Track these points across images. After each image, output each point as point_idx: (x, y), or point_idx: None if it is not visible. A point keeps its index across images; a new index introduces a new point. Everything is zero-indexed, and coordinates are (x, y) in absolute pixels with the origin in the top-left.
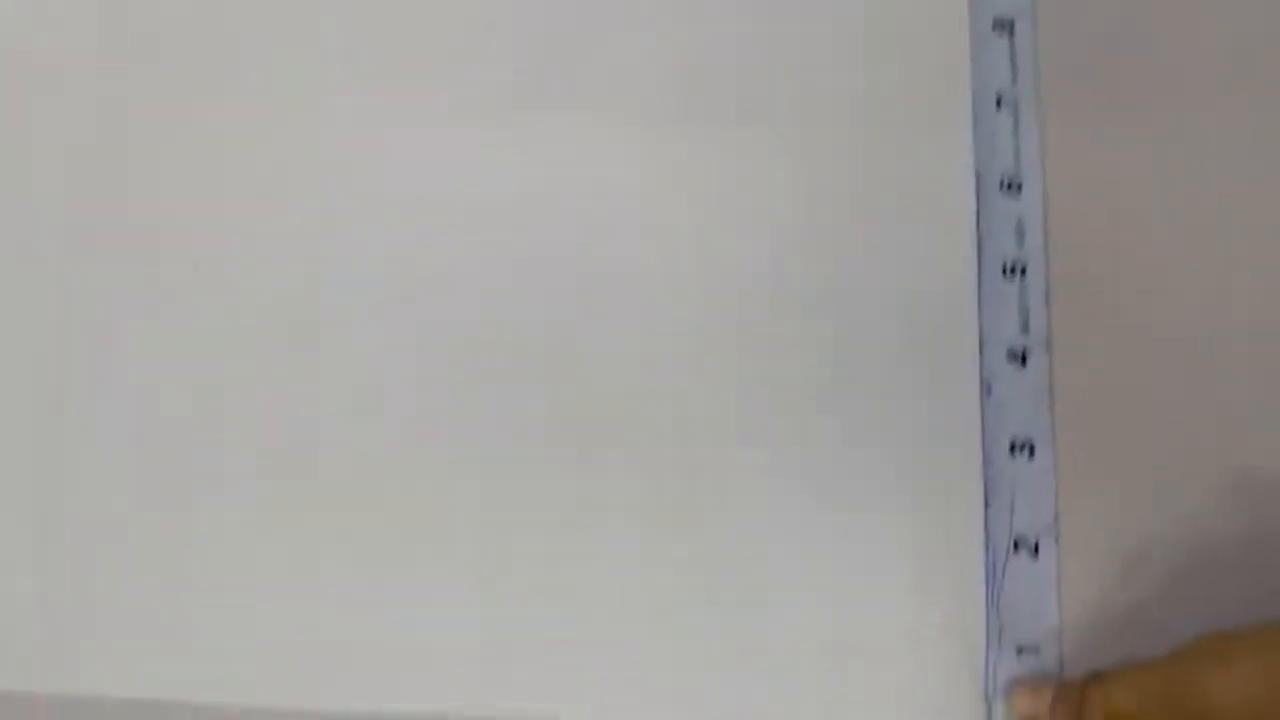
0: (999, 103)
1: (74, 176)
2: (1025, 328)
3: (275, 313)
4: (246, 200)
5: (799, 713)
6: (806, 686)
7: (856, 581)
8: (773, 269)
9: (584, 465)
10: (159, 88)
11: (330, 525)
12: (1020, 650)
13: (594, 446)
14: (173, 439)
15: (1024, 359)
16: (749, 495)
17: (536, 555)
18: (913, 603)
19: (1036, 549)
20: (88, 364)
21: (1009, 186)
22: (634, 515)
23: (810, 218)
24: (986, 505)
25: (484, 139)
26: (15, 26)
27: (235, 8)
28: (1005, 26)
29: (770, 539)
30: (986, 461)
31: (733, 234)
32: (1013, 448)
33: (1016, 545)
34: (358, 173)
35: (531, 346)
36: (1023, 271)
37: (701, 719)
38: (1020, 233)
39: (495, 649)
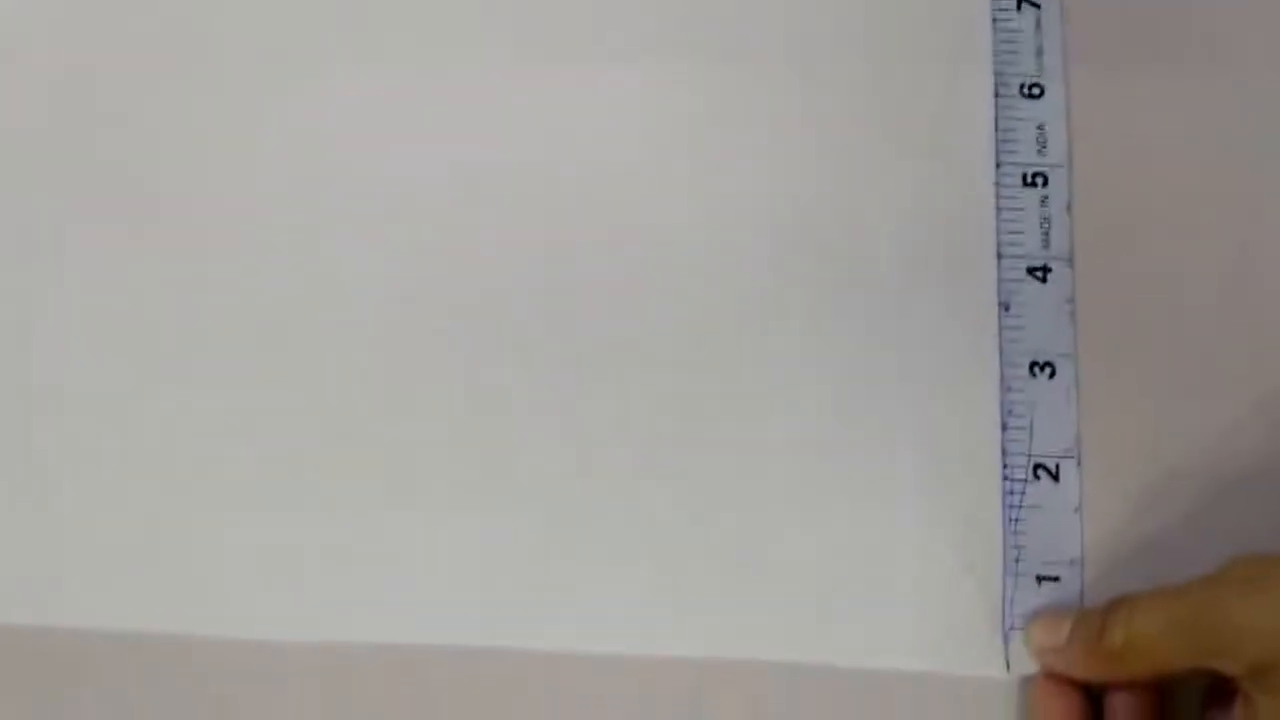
0: (1020, 1)
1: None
2: (1046, 241)
3: (271, 256)
4: (240, 151)
5: (808, 646)
6: (815, 620)
7: (867, 510)
8: (784, 182)
9: (585, 399)
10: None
11: (322, 453)
12: (1040, 580)
13: (595, 379)
14: (149, 371)
15: (1044, 275)
16: (756, 421)
17: (535, 491)
18: (927, 531)
19: (1057, 473)
20: (58, 302)
21: (1030, 90)
22: (635, 443)
23: (821, 128)
24: (1004, 428)
25: (488, 89)
26: None
27: None
28: None
29: (777, 469)
30: (1004, 383)
31: (742, 144)
32: (1032, 368)
33: (1036, 470)
34: (359, 134)
35: (536, 281)
36: (1044, 181)
37: (705, 653)
38: (1042, 139)
39: (492, 584)
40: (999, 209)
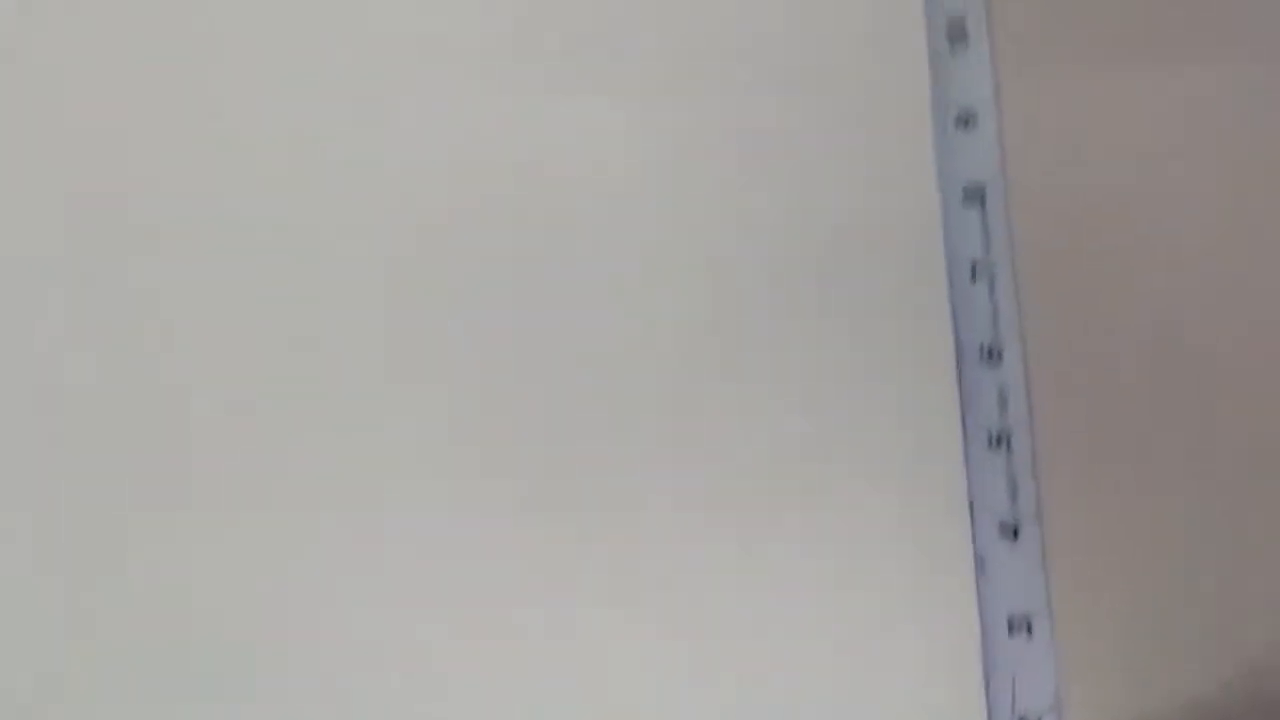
0: (974, 272)
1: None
2: (1014, 497)
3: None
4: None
5: None
6: None
7: None
8: (750, 434)
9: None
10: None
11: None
12: None
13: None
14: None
15: (1016, 532)
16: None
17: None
18: None
19: None
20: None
21: (989, 355)
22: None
23: (799, 391)
24: (987, 686)
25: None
26: None
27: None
28: (976, 197)
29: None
30: (985, 641)
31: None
32: (1011, 626)
33: None
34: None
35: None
36: (1009, 442)
37: None
38: (1003, 401)
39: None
40: (968, 469)
